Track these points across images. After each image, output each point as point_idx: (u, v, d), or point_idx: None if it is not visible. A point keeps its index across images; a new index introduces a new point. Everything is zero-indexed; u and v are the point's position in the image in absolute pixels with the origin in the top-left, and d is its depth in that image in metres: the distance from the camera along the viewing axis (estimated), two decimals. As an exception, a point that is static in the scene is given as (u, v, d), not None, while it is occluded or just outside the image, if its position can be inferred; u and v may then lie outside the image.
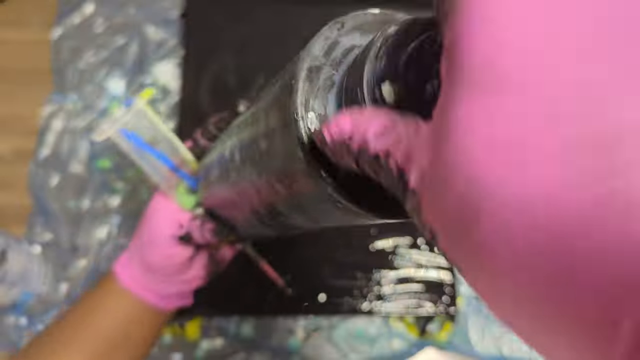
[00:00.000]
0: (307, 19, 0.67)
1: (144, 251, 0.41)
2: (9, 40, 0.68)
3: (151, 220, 0.41)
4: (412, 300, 0.56)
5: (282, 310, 0.56)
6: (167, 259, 0.40)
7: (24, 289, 0.55)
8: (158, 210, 0.41)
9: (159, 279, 0.42)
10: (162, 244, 0.40)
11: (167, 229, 0.40)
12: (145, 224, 0.41)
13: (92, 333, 0.40)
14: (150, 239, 0.40)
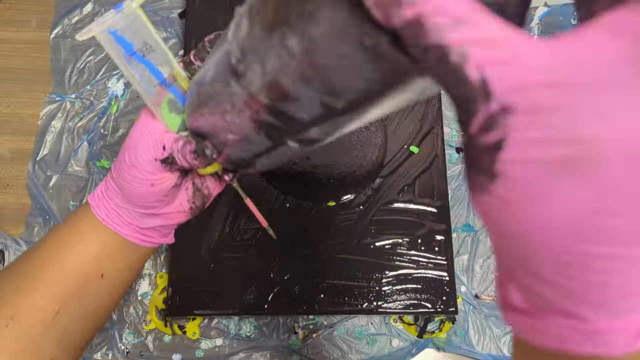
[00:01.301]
0: (306, 19, 0.67)
1: (124, 178, 0.37)
2: (9, 40, 0.68)
3: (132, 142, 0.37)
4: (412, 300, 0.56)
5: (282, 310, 0.56)
6: (149, 185, 0.37)
7: (22, 289, 0.55)
8: (141, 132, 0.36)
9: (139, 211, 0.38)
10: (144, 168, 0.36)
11: (149, 151, 0.36)
12: (127, 147, 0.37)
13: (60, 269, 0.37)
14: (131, 163, 0.36)
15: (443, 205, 0.59)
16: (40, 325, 0.35)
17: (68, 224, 0.40)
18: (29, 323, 0.35)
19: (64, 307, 0.36)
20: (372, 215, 0.59)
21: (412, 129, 0.63)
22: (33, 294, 0.36)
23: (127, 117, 0.65)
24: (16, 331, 0.35)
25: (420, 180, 0.60)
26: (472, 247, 0.62)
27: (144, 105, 0.67)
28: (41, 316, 0.36)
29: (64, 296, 0.37)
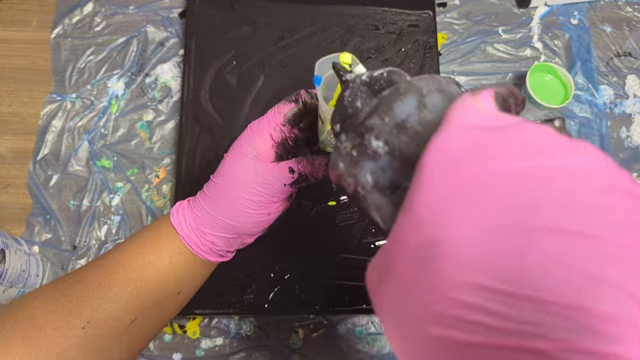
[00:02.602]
0: (307, 18, 0.67)
1: (239, 213, 0.41)
2: (10, 40, 0.68)
3: (246, 178, 0.41)
4: (412, 300, 0.56)
5: (282, 310, 0.56)
6: (266, 215, 0.42)
7: (22, 289, 0.55)
8: (259, 166, 0.41)
9: (236, 239, 0.43)
10: (270, 199, 0.41)
11: (278, 178, 0.41)
12: (236, 184, 0.41)
13: (142, 284, 0.39)
14: (253, 198, 0.40)
15: (443, 205, 0.59)
16: (115, 331, 0.38)
17: (149, 239, 0.42)
18: (105, 329, 0.37)
19: (140, 317, 0.39)
20: (372, 214, 0.59)
21: (412, 128, 0.63)
22: (111, 304, 0.38)
23: (127, 116, 0.65)
24: (92, 334, 0.36)
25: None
26: (472, 247, 0.61)
27: (144, 105, 0.67)
28: (117, 324, 0.38)
29: (142, 309, 0.39)
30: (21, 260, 0.54)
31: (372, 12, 0.67)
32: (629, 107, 0.69)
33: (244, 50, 0.65)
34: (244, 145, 0.41)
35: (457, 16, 0.72)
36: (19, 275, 0.54)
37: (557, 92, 0.66)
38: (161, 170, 0.63)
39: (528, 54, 0.70)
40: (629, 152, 0.67)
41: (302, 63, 0.64)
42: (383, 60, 0.65)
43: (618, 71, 0.70)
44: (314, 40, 0.66)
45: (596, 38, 0.72)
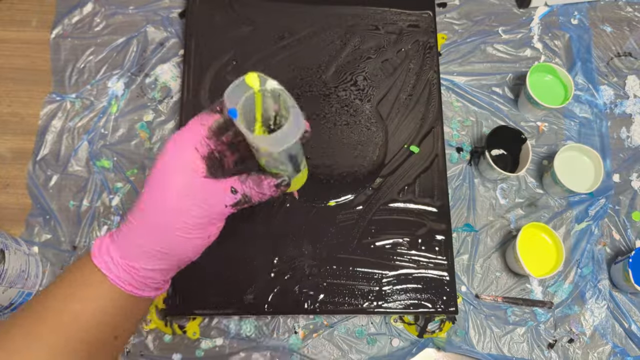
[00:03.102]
0: (307, 18, 0.67)
1: (175, 241, 0.36)
2: (9, 40, 0.68)
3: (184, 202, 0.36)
4: (412, 300, 0.56)
5: (282, 310, 0.56)
6: (206, 239, 0.38)
7: (21, 289, 0.55)
8: (197, 187, 0.36)
9: (166, 269, 0.38)
10: (210, 222, 0.37)
11: (219, 200, 0.37)
12: (175, 209, 0.36)
13: (78, 333, 0.36)
14: (191, 223, 0.36)
15: (443, 205, 0.59)
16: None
17: (76, 284, 0.37)
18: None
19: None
20: (372, 215, 0.59)
21: (412, 128, 0.63)
22: (40, 355, 0.35)
23: (127, 116, 0.65)
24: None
25: (420, 180, 0.60)
26: (473, 247, 0.61)
27: (144, 105, 0.67)
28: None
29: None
30: (21, 261, 0.54)
31: (372, 12, 0.67)
32: (629, 108, 0.69)
33: (244, 50, 0.65)
34: (171, 161, 0.36)
35: (457, 16, 0.72)
36: (19, 275, 0.54)
37: (557, 92, 0.66)
38: (161, 171, 0.63)
39: (528, 54, 0.70)
40: (629, 152, 0.67)
41: (302, 63, 0.64)
42: (383, 60, 0.65)
43: (618, 71, 0.70)
44: (314, 40, 0.66)
45: (596, 38, 0.72)
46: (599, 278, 0.61)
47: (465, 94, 0.68)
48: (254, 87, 0.33)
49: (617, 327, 0.59)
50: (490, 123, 0.67)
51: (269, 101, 0.35)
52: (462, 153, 0.65)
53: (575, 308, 0.60)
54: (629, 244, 0.63)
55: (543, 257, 0.58)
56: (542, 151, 0.66)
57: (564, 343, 0.59)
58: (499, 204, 0.63)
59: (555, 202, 0.64)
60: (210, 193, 0.36)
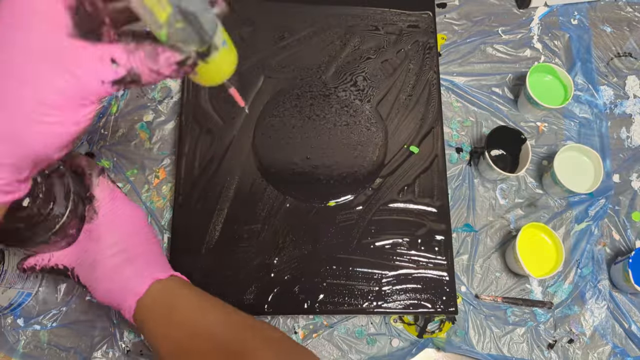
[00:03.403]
0: (307, 19, 0.67)
1: (28, 121, 0.27)
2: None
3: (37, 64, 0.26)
4: (412, 300, 0.56)
5: (282, 310, 0.56)
6: (71, 125, 0.28)
7: (21, 290, 0.55)
8: (56, 44, 0.26)
9: (24, 164, 0.28)
10: (78, 100, 0.27)
11: (92, 72, 0.27)
12: (28, 76, 0.26)
13: None
14: (52, 99, 0.27)
15: (443, 205, 0.59)
16: None
17: None
18: None
19: None
20: (372, 215, 0.59)
21: (412, 129, 0.63)
22: None
23: (127, 117, 0.65)
24: None
25: (420, 180, 0.60)
26: (472, 247, 0.61)
27: (144, 105, 0.67)
28: None
29: None
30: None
31: (371, 12, 0.67)
32: (629, 108, 0.69)
33: (244, 50, 0.65)
34: (22, 8, 0.26)
35: (456, 17, 0.72)
36: (19, 275, 0.54)
37: (557, 92, 0.66)
38: (161, 171, 0.63)
39: (528, 54, 0.70)
40: (629, 152, 0.67)
41: (302, 63, 0.64)
42: (383, 60, 0.65)
43: (618, 71, 0.70)
44: (314, 40, 0.66)
45: (596, 38, 0.72)
46: (598, 278, 0.61)
47: (465, 95, 0.68)
48: None
49: (617, 328, 0.59)
50: (490, 123, 0.67)
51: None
52: (462, 153, 0.65)
53: (575, 308, 0.60)
54: (629, 244, 0.63)
55: (543, 258, 0.58)
56: (542, 151, 0.66)
57: (563, 343, 0.59)
58: (498, 204, 0.63)
59: (555, 202, 0.64)
60: (79, 60, 0.26)
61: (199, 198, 0.58)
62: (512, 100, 0.68)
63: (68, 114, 0.27)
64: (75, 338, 0.56)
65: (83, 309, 0.57)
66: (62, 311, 0.57)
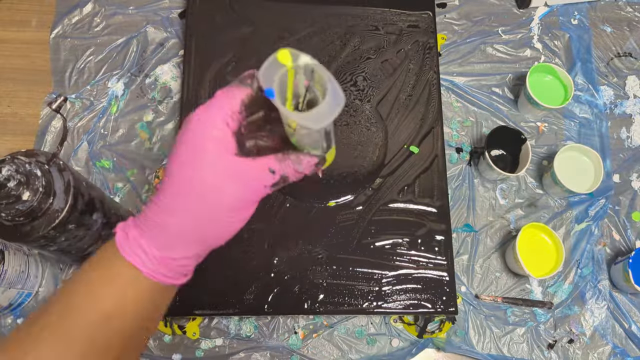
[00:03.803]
0: (307, 19, 0.67)
1: (217, 221, 0.34)
2: (9, 40, 0.68)
3: (224, 181, 0.33)
4: (412, 300, 0.56)
5: (282, 310, 0.56)
6: (243, 221, 0.35)
7: (21, 290, 0.55)
8: (237, 167, 0.34)
9: (200, 253, 0.35)
10: (249, 204, 0.34)
11: (258, 180, 0.34)
12: (212, 187, 0.33)
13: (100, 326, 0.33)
14: (232, 204, 0.33)
15: (443, 205, 0.59)
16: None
17: (102, 282, 0.35)
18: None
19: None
20: (372, 215, 0.59)
21: (412, 129, 0.63)
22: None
23: (127, 117, 0.65)
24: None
25: (420, 180, 0.60)
26: (472, 247, 0.61)
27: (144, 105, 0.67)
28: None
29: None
30: (20, 261, 0.54)
31: (371, 12, 0.67)
32: (629, 108, 0.68)
33: (244, 50, 0.65)
34: (201, 137, 0.33)
35: (456, 17, 0.72)
36: (19, 276, 0.54)
37: (557, 92, 0.66)
38: (161, 171, 0.63)
39: (528, 54, 0.70)
40: (629, 152, 0.67)
41: (302, 63, 0.64)
42: (383, 60, 0.65)
43: (618, 72, 0.70)
44: (314, 40, 0.66)
45: (596, 38, 0.72)
46: (599, 278, 0.61)
47: (465, 95, 0.68)
48: (287, 65, 0.32)
49: (617, 328, 0.59)
50: (490, 123, 0.67)
51: (300, 77, 0.33)
52: (462, 153, 0.65)
53: (575, 308, 0.60)
54: (629, 244, 0.63)
55: (543, 258, 0.59)
56: (542, 151, 0.66)
57: (563, 343, 0.59)
58: (498, 204, 0.63)
59: (555, 202, 0.64)
60: (248, 173, 0.33)
61: (199, 198, 0.58)
62: (512, 100, 0.68)
63: (241, 214, 0.35)
64: (76, 338, 0.56)
65: (83, 309, 0.57)
66: (62, 311, 0.57)
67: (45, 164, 0.42)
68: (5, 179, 0.39)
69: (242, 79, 0.34)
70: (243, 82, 0.34)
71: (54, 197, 0.42)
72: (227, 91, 0.34)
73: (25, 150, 0.44)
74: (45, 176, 0.41)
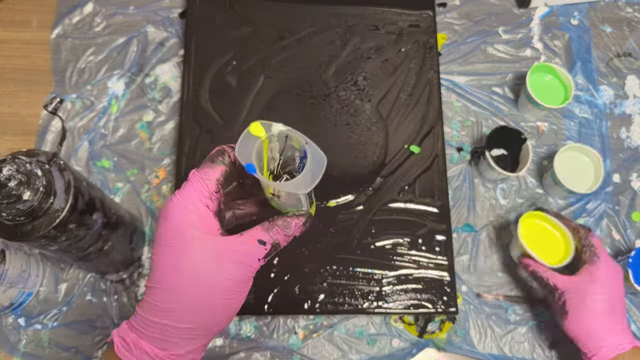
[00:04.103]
0: (307, 18, 0.67)
1: (214, 307, 0.33)
2: (10, 40, 0.68)
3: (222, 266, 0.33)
4: (412, 300, 0.56)
5: (282, 310, 0.56)
6: (242, 300, 0.34)
7: (22, 290, 0.55)
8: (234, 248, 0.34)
9: (202, 341, 0.34)
10: (246, 284, 0.34)
11: (252, 255, 0.34)
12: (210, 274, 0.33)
13: None
14: (229, 287, 0.33)
15: (443, 205, 0.59)
16: None
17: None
18: None
19: None
20: (372, 215, 0.59)
21: (413, 128, 0.63)
22: None
23: (127, 117, 0.65)
24: None
25: (420, 180, 0.60)
26: (473, 247, 0.61)
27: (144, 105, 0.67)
28: None
29: None
30: (21, 261, 0.54)
31: (372, 12, 0.67)
32: (628, 108, 0.69)
33: (244, 50, 0.65)
34: (183, 228, 0.32)
35: (457, 16, 0.72)
36: (19, 275, 0.54)
37: (557, 92, 0.66)
38: (161, 171, 0.63)
39: (528, 54, 0.70)
40: (628, 152, 0.67)
41: (302, 63, 0.65)
42: (383, 60, 0.65)
43: (618, 71, 0.70)
44: (314, 40, 0.66)
45: (596, 38, 0.72)
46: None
47: (465, 94, 0.68)
48: (260, 136, 0.33)
49: (617, 327, 0.59)
50: (490, 123, 0.67)
51: (274, 144, 0.35)
52: (462, 153, 0.65)
53: (575, 308, 0.60)
54: (629, 244, 0.63)
55: (551, 246, 0.56)
56: (542, 151, 0.66)
57: (565, 343, 0.59)
58: (499, 204, 0.63)
59: (555, 202, 0.64)
60: (238, 250, 0.33)
61: (200, 198, 0.58)
62: (512, 100, 0.68)
63: (242, 290, 0.34)
64: (76, 338, 0.56)
65: (84, 308, 0.57)
66: (62, 311, 0.57)
67: (45, 163, 0.42)
68: (6, 178, 0.39)
69: (213, 158, 0.35)
70: (215, 160, 0.35)
71: (55, 197, 0.42)
72: (202, 173, 0.35)
73: (26, 150, 0.44)
74: (46, 176, 0.41)
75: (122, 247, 0.55)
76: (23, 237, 0.42)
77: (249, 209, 0.39)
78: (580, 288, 0.51)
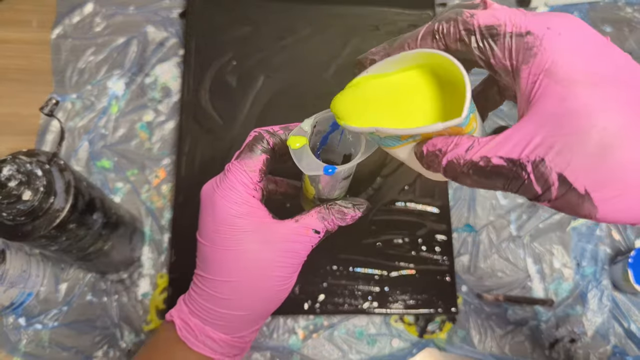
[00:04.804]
0: (307, 18, 0.67)
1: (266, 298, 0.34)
2: (10, 41, 0.68)
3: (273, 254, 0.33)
4: (413, 300, 0.56)
5: (282, 310, 0.56)
6: (289, 289, 0.35)
7: (22, 290, 0.55)
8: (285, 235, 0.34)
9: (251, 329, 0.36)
10: (294, 270, 0.34)
11: (303, 247, 0.34)
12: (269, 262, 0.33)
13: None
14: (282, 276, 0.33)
15: (443, 205, 0.59)
16: None
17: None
18: None
19: None
20: (372, 215, 0.59)
21: (413, 128, 0.63)
22: None
23: (127, 117, 0.65)
24: None
25: (420, 180, 0.60)
26: (473, 247, 0.62)
27: (144, 105, 0.67)
28: None
29: None
30: (22, 261, 0.54)
31: (372, 12, 0.67)
32: (629, 107, 0.68)
33: (244, 50, 0.65)
34: (235, 221, 0.33)
35: (457, 16, 0.72)
36: (20, 275, 0.54)
37: (557, 92, 0.65)
38: (161, 171, 0.63)
39: (528, 54, 0.70)
40: (629, 152, 0.66)
41: (302, 63, 0.65)
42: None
43: (618, 71, 0.70)
44: (314, 40, 0.66)
45: (596, 38, 0.71)
46: (599, 278, 0.61)
47: (465, 94, 0.68)
48: (303, 145, 0.34)
49: (617, 327, 0.59)
50: (490, 123, 0.67)
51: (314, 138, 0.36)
52: (463, 153, 0.65)
53: (576, 308, 0.60)
54: (629, 244, 0.63)
55: (417, 104, 0.30)
56: (542, 151, 0.66)
57: (565, 343, 0.59)
58: (499, 204, 0.63)
59: (556, 202, 0.64)
60: (294, 242, 0.33)
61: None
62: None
63: (292, 277, 0.34)
64: (77, 337, 0.56)
65: (84, 308, 0.57)
66: (63, 311, 0.57)
67: (46, 163, 0.42)
68: (6, 178, 0.39)
69: (252, 146, 0.34)
70: (253, 149, 0.34)
71: (55, 197, 0.42)
72: (243, 165, 0.34)
73: (26, 150, 0.44)
74: (46, 176, 0.41)
75: (122, 247, 0.55)
76: (23, 237, 0.42)
77: (280, 188, 0.39)
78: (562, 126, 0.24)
